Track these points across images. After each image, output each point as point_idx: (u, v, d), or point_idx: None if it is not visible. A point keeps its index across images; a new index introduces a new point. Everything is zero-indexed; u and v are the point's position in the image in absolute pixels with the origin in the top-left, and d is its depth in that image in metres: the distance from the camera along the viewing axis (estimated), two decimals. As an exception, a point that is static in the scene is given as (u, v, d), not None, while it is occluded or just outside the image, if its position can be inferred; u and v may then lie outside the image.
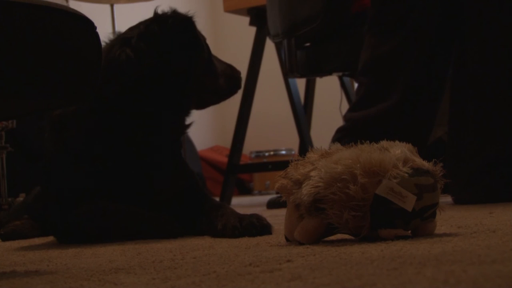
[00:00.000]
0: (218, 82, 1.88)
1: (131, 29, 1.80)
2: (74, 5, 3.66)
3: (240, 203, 3.84)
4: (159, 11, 1.80)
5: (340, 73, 3.45)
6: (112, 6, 3.76)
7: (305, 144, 3.41)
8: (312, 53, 3.17)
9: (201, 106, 1.93)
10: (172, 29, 1.75)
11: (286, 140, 5.50)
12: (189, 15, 1.80)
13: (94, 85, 1.15)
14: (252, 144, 5.24)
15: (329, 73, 3.34)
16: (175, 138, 1.82)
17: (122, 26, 1.88)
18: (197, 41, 1.79)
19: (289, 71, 3.20)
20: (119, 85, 1.69)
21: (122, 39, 1.76)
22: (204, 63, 1.81)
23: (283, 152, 5.32)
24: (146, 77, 1.70)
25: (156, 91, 1.72)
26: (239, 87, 1.97)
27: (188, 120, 1.86)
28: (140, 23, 1.79)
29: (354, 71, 2.87)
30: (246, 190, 5.62)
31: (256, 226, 1.51)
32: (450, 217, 1.57)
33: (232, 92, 1.96)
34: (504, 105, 2.10)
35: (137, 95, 1.71)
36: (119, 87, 1.69)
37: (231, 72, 1.94)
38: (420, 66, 2.19)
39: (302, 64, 3.19)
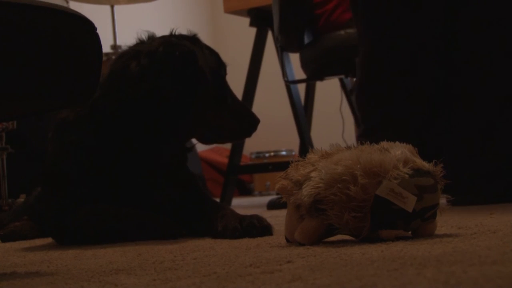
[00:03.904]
0: (224, 123, 1.81)
1: (153, 40, 1.77)
2: (74, 6, 3.66)
3: (241, 204, 3.84)
4: (175, 31, 1.78)
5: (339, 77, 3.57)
6: (112, 7, 3.76)
7: (305, 145, 3.41)
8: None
9: (204, 141, 1.87)
10: (171, 62, 1.69)
11: (287, 141, 5.50)
12: (192, 49, 1.72)
13: (94, 87, 1.15)
14: (252, 145, 5.24)
15: (316, 78, 3.50)
16: (174, 152, 1.80)
17: (122, 27, 1.89)
18: (197, 78, 1.71)
19: (283, 75, 3.37)
20: (119, 96, 1.69)
21: (136, 51, 1.74)
22: (204, 100, 1.73)
23: (284, 153, 5.32)
24: (145, 96, 1.67)
25: (148, 112, 1.68)
26: (248, 134, 1.86)
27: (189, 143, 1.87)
28: (162, 38, 1.77)
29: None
30: (246, 191, 5.62)
31: (256, 227, 1.51)
32: (450, 218, 1.57)
33: (240, 136, 1.90)
34: (503, 109, 2.10)
35: (133, 110, 1.69)
36: (119, 99, 1.69)
37: (245, 116, 1.84)
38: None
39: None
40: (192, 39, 1.79)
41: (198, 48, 1.77)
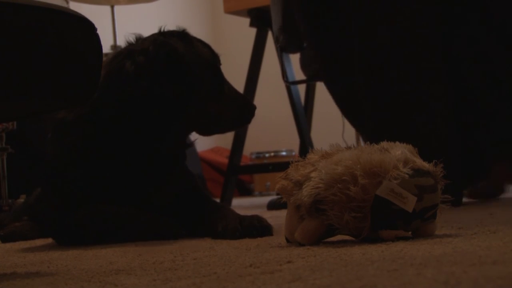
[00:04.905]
0: (223, 112, 1.81)
1: (143, 40, 1.77)
2: (75, 6, 3.66)
3: (241, 204, 3.84)
4: (163, 28, 1.79)
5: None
6: (112, 7, 3.76)
7: (305, 145, 3.41)
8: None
9: (204, 133, 1.87)
10: (158, 60, 1.69)
11: (287, 141, 5.49)
12: (176, 48, 1.72)
13: (94, 87, 1.15)
14: (252, 145, 5.24)
15: (316, 79, 3.50)
16: (174, 150, 1.80)
17: (123, 27, 1.88)
18: (185, 76, 1.72)
19: (283, 76, 3.37)
20: (117, 96, 1.69)
21: (129, 51, 1.75)
22: (198, 95, 1.73)
23: (284, 153, 5.32)
24: (143, 94, 1.67)
25: (149, 110, 1.68)
26: (247, 121, 1.88)
27: (189, 138, 1.86)
28: (151, 36, 1.77)
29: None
30: (246, 191, 5.62)
31: (256, 227, 1.51)
32: (450, 218, 1.57)
33: (239, 124, 1.91)
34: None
35: (133, 109, 1.69)
36: (117, 98, 1.69)
37: (242, 103, 1.86)
38: None
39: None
40: (181, 35, 1.79)
41: (188, 43, 1.77)
